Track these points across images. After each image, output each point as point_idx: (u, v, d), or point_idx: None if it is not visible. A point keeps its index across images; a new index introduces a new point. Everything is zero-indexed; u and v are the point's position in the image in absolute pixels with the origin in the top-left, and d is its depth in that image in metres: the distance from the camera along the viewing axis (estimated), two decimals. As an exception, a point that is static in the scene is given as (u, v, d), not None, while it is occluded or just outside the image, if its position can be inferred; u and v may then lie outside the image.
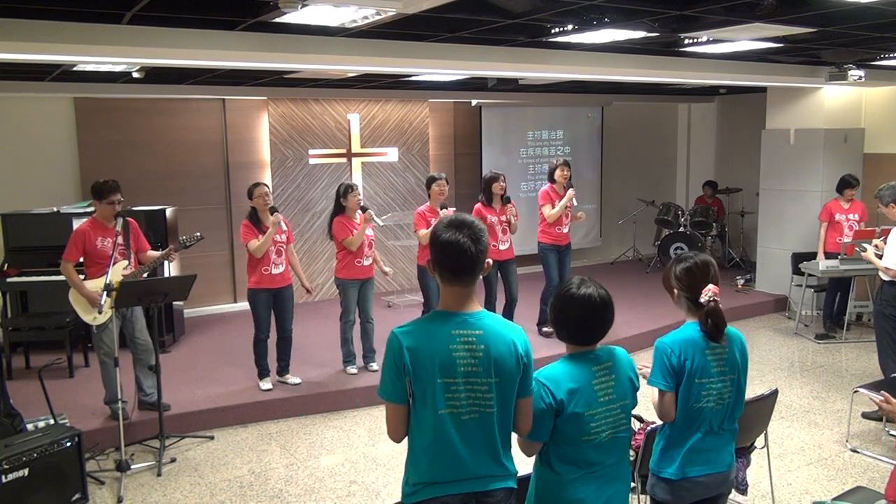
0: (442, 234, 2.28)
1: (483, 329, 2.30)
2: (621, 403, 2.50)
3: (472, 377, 2.26)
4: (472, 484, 2.31)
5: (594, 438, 2.43)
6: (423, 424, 2.27)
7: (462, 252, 2.25)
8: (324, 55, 5.03)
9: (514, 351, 2.32)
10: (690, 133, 12.08)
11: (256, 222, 5.71)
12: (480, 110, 9.97)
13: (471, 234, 2.27)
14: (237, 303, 8.69)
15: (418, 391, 2.25)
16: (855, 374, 6.61)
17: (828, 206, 7.79)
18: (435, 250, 2.31)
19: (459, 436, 2.26)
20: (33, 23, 4.16)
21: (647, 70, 6.50)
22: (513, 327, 2.39)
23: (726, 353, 2.79)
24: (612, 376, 2.49)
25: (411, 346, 2.24)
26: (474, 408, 2.27)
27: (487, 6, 4.31)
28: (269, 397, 5.81)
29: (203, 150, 8.55)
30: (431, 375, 2.23)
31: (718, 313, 2.71)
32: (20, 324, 6.67)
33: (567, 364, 2.49)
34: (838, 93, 8.43)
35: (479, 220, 2.37)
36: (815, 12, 4.58)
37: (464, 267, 2.28)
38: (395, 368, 2.25)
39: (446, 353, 2.24)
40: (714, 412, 2.77)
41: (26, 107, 7.65)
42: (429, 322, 2.32)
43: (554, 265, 7.07)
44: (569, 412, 2.40)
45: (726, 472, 2.86)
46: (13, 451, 3.88)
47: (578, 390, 2.42)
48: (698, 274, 2.77)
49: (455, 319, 2.29)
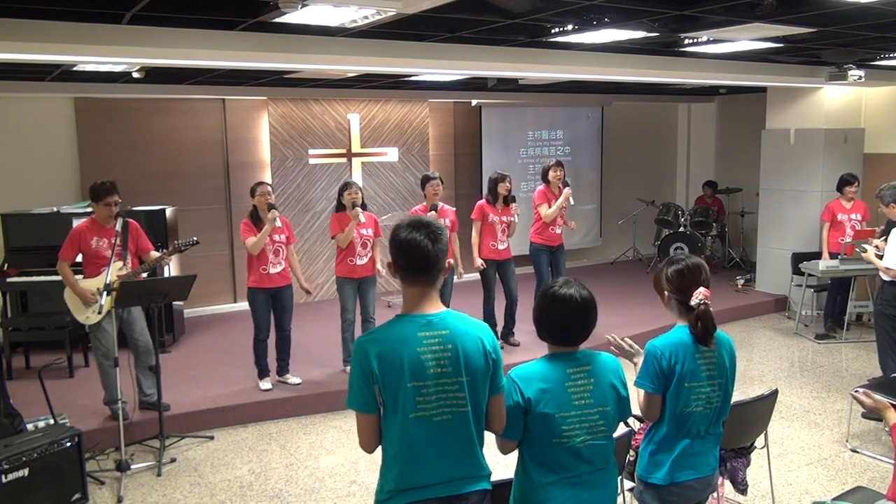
0: (400, 233, 2.26)
1: (449, 328, 2.27)
2: (600, 409, 2.46)
3: (443, 378, 2.23)
4: (446, 488, 2.28)
5: (566, 441, 2.42)
6: (394, 431, 2.24)
7: (419, 251, 2.22)
8: (324, 55, 5.03)
9: (482, 348, 2.30)
10: (690, 133, 12.08)
11: (256, 221, 5.71)
12: (480, 110, 9.97)
13: (428, 233, 2.23)
14: (237, 303, 8.69)
15: (388, 398, 2.21)
16: (855, 374, 6.60)
17: (830, 206, 7.79)
18: (393, 251, 2.28)
19: (431, 439, 2.24)
20: (33, 23, 4.16)
21: (647, 70, 6.50)
22: (479, 324, 2.37)
23: (715, 357, 2.76)
24: (591, 380, 2.46)
25: (378, 352, 2.20)
26: (446, 409, 2.24)
27: (487, 6, 4.31)
28: (269, 397, 5.81)
29: (203, 150, 8.54)
30: (401, 380, 2.19)
31: (709, 316, 2.68)
32: (20, 324, 6.66)
33: (542, 363, 2.49)
34: (838, 93, 8.42)
35: (439, 221, 2.34)
36: (815, 12, 4.58)
37: (421, 266, 2.25)
38: (363, 377, 2.21)
39: (415, 357, 2.21)
40: (702, 416, 2.75)
41: (26, 107, 7.65)
42: (394, 327, 2.28)
43: (546, 265, 7.07)
44: (537, 411, 2.40)
45: (710, 477, 2.85)
46: (13, 451, 3.88)
47: (548, 390, 2.41)
48: (689, 277, 2.74)
49: (419, 321, 2.26)
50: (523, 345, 6.79)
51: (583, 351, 2.54)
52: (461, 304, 8.27)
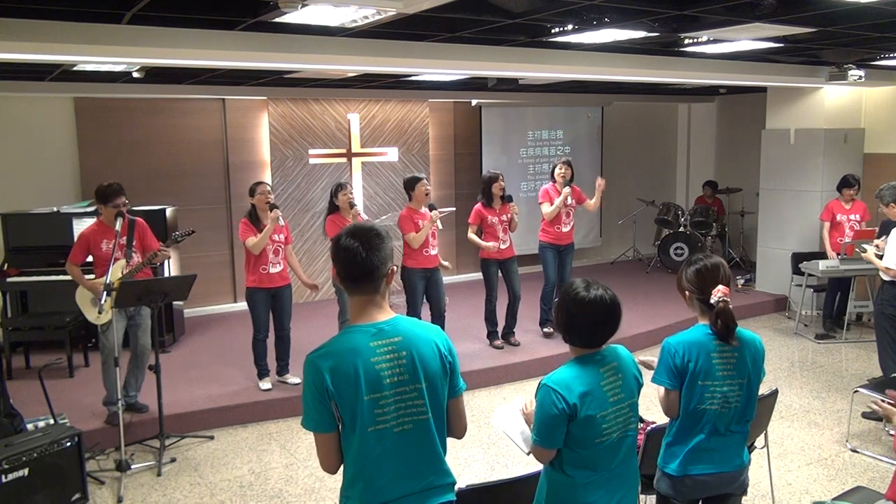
0: (340, 241, 2.19)
1: (401, 335, 2.20)
2: (629, 402, 2.52)
3: (400, 386, 2.16)
4: (411, 500, 2.21)
5: (606, 440, 2.45)
6: (353, 448, 2.16)
7: (353, 260, 2.15)
8: (324, 55, 5.03)
9: (438, 351, 2.24)
10: (690, 133, 12.08)
11: (255, 220, 5.71)
12: (480, 110, 9.97)
13: (364, 241, 2.16)
14: (237, 303, 8.68)
15: (346, 413, 2.12)
16: (855, 374, 6.60)
17: (829, 206, 7.79)
18: (334, 259, 2.22)
19: (392, 451, 2.16)
20: (33, 23, 4.16)
21: (647, 70, 6.50)
22: (431, 327, 2.31)
23: (735, 357, 2.80)
24: (619, 375, 2.51)
25: (331, 367, 2.11)
26: (406, 418, 2.17)
27: (487, 6, 4.31)
28: (268, 397, 5.81)
29: (203, 150, 8.54)
30: (357, 394, 2.11)
31: (728, 314, 2.75)
32: (20, 324, 6.66)
33: (575, 367, 2.49)
34: (838, 93, 8.42)
35: (384, 229, 2.25)
36: (815, 12, 4.57)
37: (357, 275, 2.18)
38: (318, 395, 2.11)
39: (370, 367, 2.12)
40: (719, 414, 2.78)
41: (26, 107, 7.65)
42: (344, 339, 2.19)
43: (552, 264, 7.08)
44: (582, 416, 2.40)
45: (735, 473, 2.87)
46: (13, 451, 3.88)
47: (590, 393, 2.42)
48: (708, 276, 2.81)
49: (369, 331, 2.18)
50: (524, 345, 6.79)
51: (608, 348, 2.57)
52: (462, 304, 8.35)
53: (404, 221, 6.29)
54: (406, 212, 6.38)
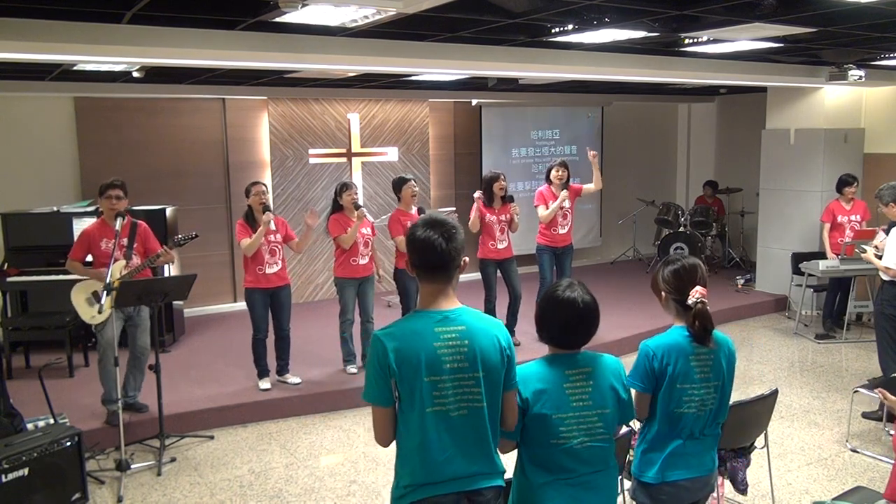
0: (416, 232, 2.30)
1: (465, 324, 2.30)
2: (598, 411, 2.46)
3: (459, 373, 2.26)
4: (463, 483, 2.30)
5: (564, 443, 2.42)
6: (411, 425, 2.27)
7: (434, 250, 2.26)
8: (324, 55, 5.03)
9: (498, 344, 2.33)
10: (690, 133, 12.08)
11: (252, 221, 5.71)
12: (480, 110, 9.97)
13: (443, 232, 2.27)
14: (237, 302, 8.68)
15: (405, 392, 2.24)
16: (855, 374, 6.60)
17: (830, 207, 7.79)
18: (410, 249, 2.32)
19: (448, 434, 2.26)
20: (33, 22, 4.16)
21: (647, 70, 6.50)
22: (493, 321, 2.40)
23: (712, 360, 2.75)
24: (590, 382, 2.47)
25: (395, 347, 2.23)
26: (463, 404, 2.27)
27: (487, 6, 4.31)
28: (268, 397, 5.81)
29: (203, 150, 8.54)
30: (417, 375, 2.22)
31: (706, 315, 2.68)
32: (20, 323, 6.66)
33: (540, 365, 2.50)
34: (838, 93, 8.42)
35: (454, 220, 2.38)
36: (815, 12, 4.58)
37: (436, 265, 2.29)
38: (380, 371, 2.24)
39: (431, 352, 2.24)
40: (695, 418, 2.74)
41: (26, 106, 7.65)
42: (410, 322, 2.31)
43: (548, 266, 7.07)
44: (534, 412, 2.41)
45: (707, 477, 2.84)
46: (13, 451, 3.88)
47: (546, 391, 2.42)
48: (685, 276, 2.74)
49: (435, 317, 2.29)
50: (524, 344, 6.78)
51: (584, 353, 2.54)
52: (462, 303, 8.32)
53: (394, 224, 6.30)
54: (395, 214, 6.38)
